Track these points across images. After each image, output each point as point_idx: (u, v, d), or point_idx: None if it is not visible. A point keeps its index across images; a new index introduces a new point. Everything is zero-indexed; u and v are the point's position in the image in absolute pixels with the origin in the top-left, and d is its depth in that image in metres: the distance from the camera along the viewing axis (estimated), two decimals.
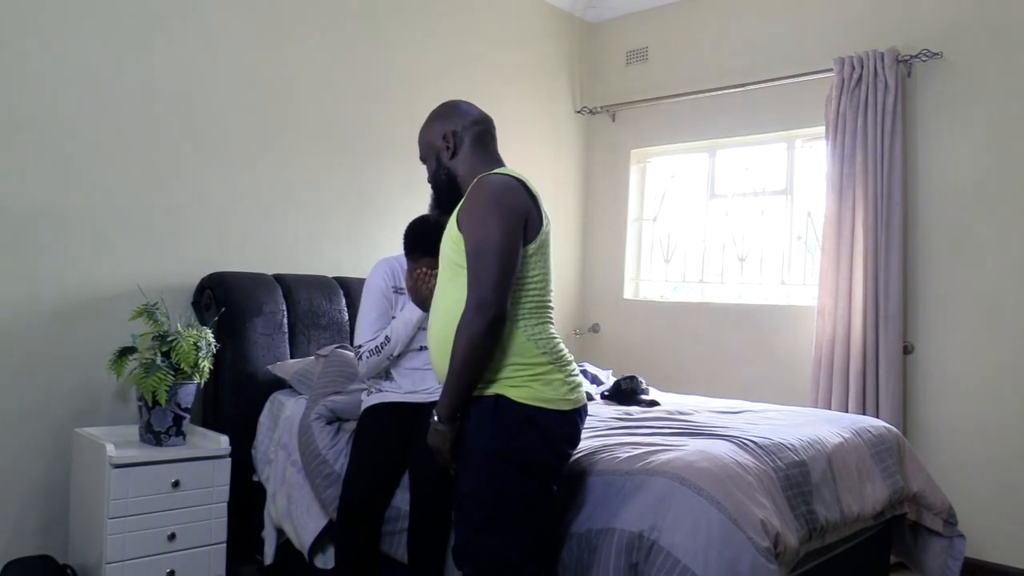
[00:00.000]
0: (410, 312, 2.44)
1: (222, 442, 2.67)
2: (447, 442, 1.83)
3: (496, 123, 2.10)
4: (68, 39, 2.76)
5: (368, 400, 2.54)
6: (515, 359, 1.79)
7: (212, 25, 3.15)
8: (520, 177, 1.87)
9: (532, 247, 1.82)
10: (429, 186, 2.16)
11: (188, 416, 2.64)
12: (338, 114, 3.61)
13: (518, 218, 1.78)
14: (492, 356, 1.77)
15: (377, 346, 2.45)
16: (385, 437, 2.42)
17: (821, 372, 3.73)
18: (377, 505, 2.36)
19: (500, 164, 2.01)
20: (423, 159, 2.09)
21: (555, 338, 1.87)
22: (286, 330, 3.15)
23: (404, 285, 2.52)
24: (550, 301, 1.89)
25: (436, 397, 2.46)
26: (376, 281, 2.55)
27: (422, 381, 2.52)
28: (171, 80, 3.03)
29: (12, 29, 2.64)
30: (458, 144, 1.99)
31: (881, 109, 3.60)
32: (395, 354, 2.47)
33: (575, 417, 1.87)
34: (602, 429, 2.61)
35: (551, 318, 1.90)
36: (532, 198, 1.84)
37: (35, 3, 2.69)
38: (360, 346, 2.49)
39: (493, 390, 1.79)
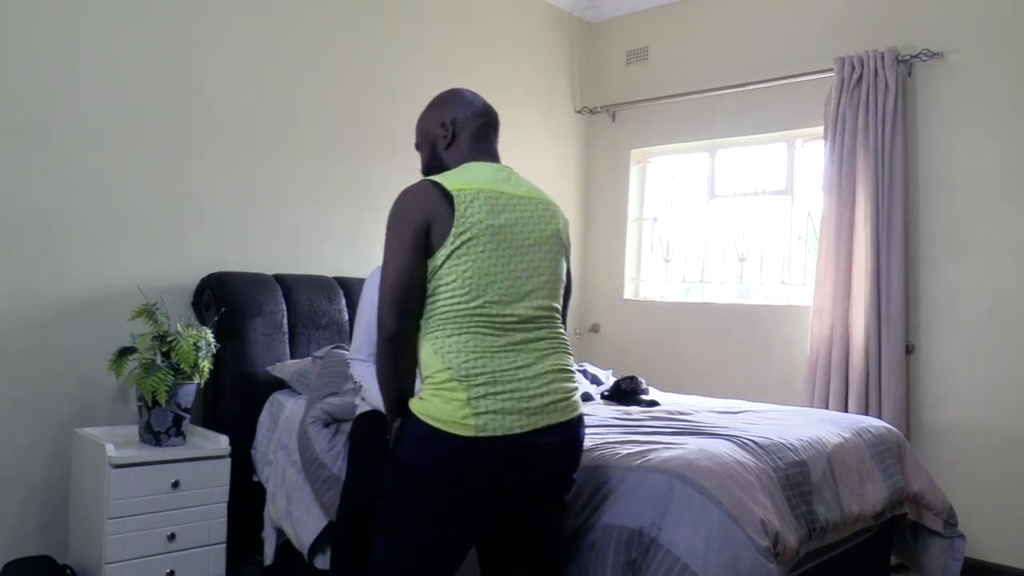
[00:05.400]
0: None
1: (222, 442, 2.67)
2: None
3: None
4: (69, 40, 2.76)
5: (361, 406, 2.54)
6: (425, 372, 1.70)
7: (212, 26, 3.15)
8: (440, 183, 1.71)
9: (443, 252, 1.66)
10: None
11: (188, 416, 2.64)
12: (338, 114, 3.61)
13: (414, 232, 1.67)
14: (395, 372, 1.74)
15: (357, 384, 2.52)
16: (380, 442, 2.41)
17: (818, 372, 3.72)
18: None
19: (490, 158, 1.89)
20: (418, 147, 1.99)
21: (474, 352, 1.64)
22: (286, 330, 3.15)
23: None
24: (482, 308, 1.67)
25: None
26: (371, 284, 2.54)
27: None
28: (171, 81, 3.03)
29: (12, 29, 2.64)
30: (457, 133, 1.89)
31: (881, 109, 3.60)
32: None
33: (480, 447, 1.61)
34: (601, 428, 2.61)
35: (487, 326, 1.67)
36: (448, 200, 1.67)
37: (35, 4, 2.69)
38: (353, 360, 2.57)
39: (411, 403, 1.73)
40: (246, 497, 2.85)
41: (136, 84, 2.94)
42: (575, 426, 1.77)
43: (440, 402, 1.64)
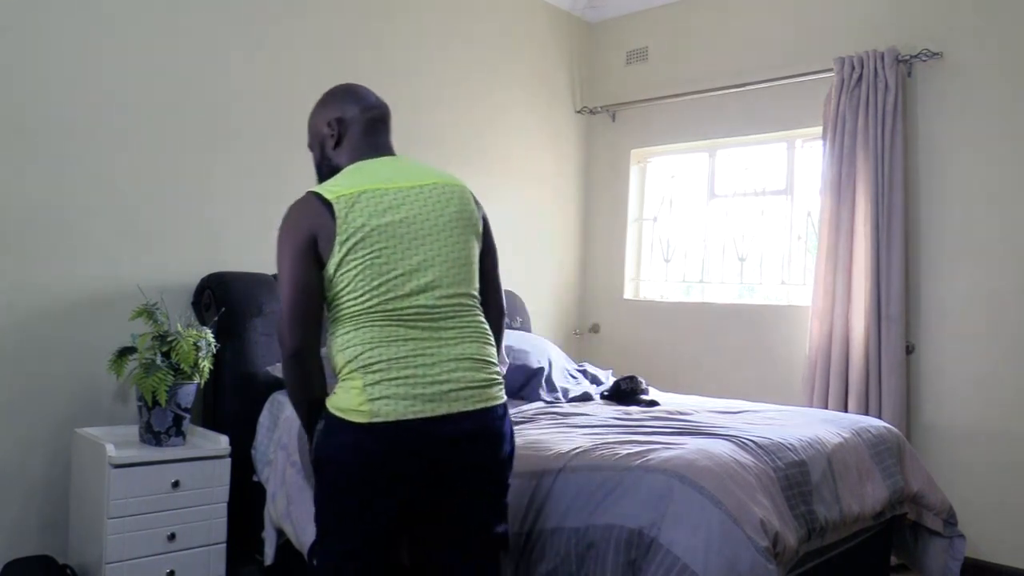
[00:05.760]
0: None
1: (222, 442, 2.67)
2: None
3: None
4: (67, 40, 2.76)
5: None
6: (335, 371, 1.73)
7: (212, 26, 3.15)
8: (320, 193, 1.70)
9: (333, 261, 1.68)
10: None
11: (188, 416, 2.64)
12: None
13: (300, 247, 1.69)
14: (302, 386, 1.76)
15: None
16: None
17: (817, 372, 3.72)
18: None
19: (381, 153, 1.86)
20: (310, 147, 1.96)
21: (371, 342, 1.66)
22: None
23: None
24: (379, 306, 1.68)
25: None
26: None
27: None
28: (171, 80, 3.03)
29: (10, 30, 2.64)
30: (343, 133, 1.87)
31: (881, 109, 3.60)
32: None
33: (374, 433, 1.62)
34: (601, 428, 2.61)
35: (385, 319, 1.68)
36: (329, 209, 1.67)
37: (33, 4, 2.69)
38: None
39: (326, 400, 1.76)
40: (246, 497, 2.85)
41: (137, 84, 2.94)
42: (486, 416, 1.73)
43: (343, 392, 1.68)
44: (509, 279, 4.18)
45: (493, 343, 1.83)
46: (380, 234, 1.69)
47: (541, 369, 3.35)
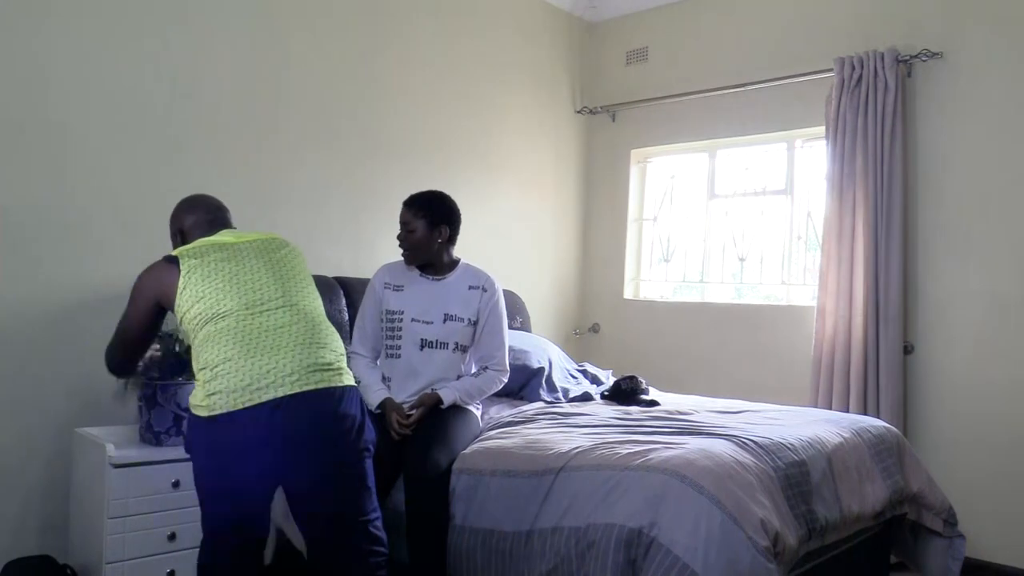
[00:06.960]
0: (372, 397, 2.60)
1: None
2: None
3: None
4: (67, 39, 2.76)
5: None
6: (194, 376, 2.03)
7: (211, 24, 3.15)
8: (176, 253, 2.09)
9: (180, 298, 2.02)
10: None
11: (188, 416, 2.64)
12: (338, 113, 3.61)
13: (145, 300, 2.13)
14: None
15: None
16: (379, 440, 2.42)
17: (821, 372, 3.73)
18: None
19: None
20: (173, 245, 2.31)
21: (214, 345, 1.94)
22: None
23: (400, 283, 2.72)
24: (221, 318, 1.98)
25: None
26: (372, 283, 2.77)
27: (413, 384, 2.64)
28: (170, 79, 3.03)
29: (10, 29, 2.64)
30: (186, 239, 2.23)
31: (881, 109, 3.60)
32: None
33: (213, 425, 1.89)
34: (601, 428, 2.61)
35: (217, 325, 1.97)
36: (174, 260, 2.05)
37: (33, 3, 2.69)
38: (351, 354, 2.64)
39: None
40: None
41: (135, 83, 2.93)
42: (322, 398, 1.93)
43: (197, 387, 1.96)
44: (509, 279, 4.21)
45: (325, 344, 2.04)
46: (215, 263, 2.04)
47: (541, 369, 3.35)
